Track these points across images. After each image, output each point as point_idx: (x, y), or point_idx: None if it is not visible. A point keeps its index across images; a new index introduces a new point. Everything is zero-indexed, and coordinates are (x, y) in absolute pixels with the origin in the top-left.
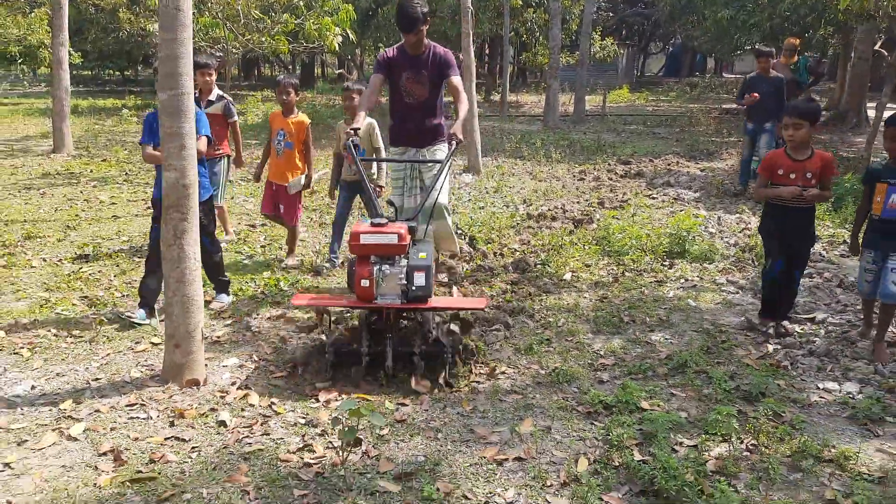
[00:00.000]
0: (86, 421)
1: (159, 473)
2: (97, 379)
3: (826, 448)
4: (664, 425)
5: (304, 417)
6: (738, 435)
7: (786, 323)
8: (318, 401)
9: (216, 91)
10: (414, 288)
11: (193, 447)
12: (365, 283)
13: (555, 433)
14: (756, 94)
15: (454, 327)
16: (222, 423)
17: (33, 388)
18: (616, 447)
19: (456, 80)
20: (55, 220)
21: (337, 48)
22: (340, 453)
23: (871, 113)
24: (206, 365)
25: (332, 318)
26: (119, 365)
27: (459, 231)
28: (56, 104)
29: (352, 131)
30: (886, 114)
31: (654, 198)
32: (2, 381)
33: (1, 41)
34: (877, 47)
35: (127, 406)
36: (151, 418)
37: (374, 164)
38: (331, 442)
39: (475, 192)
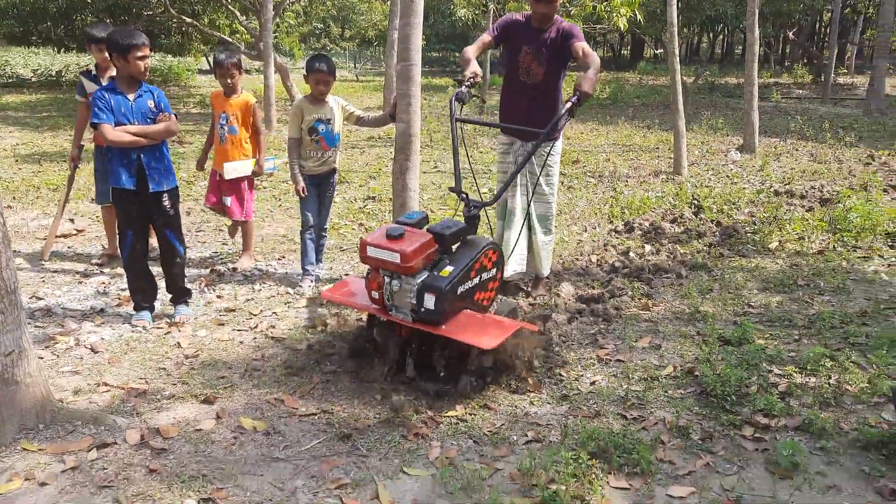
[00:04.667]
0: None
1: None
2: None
3: None
4: (760, 355)
5: None
6: (825, 371)
7: None
8: None
9: None
10: (423, 309)
11: None
12: (375, 294)
13: (663, 350)
14: None
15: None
16: None
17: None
18: (703, 362)
19: (580, 44)
20: (363, 172)
21: (623, 27)
22: None
23: None
24: None
25: None
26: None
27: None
28: (387, 80)
29: (459, 83)
30: None
31: None
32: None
33: (360, 26)
34: None
35: None
36: None
37: (336, 150)
38: None
39: (737, 169)
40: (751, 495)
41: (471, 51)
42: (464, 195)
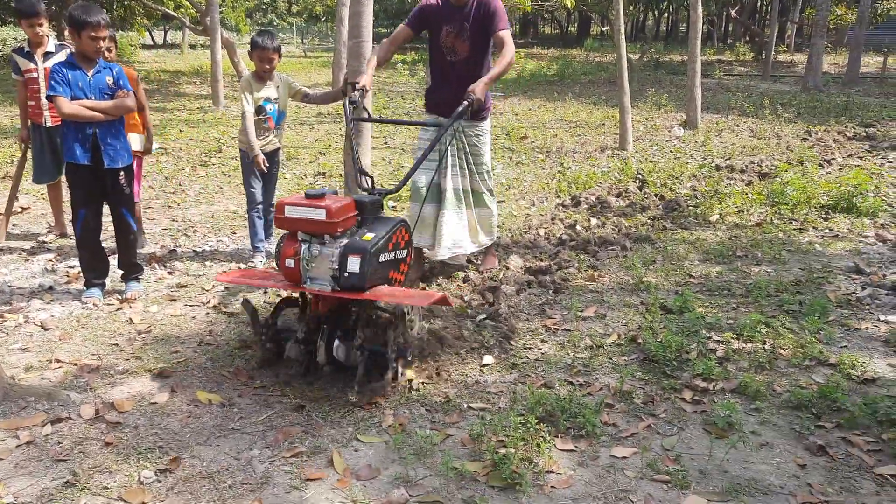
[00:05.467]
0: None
1: None
2: None
3: (833, 356)
4: (700, 323)
5: None
6: (761, 337)
7: None
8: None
9: (52, 42)
10: (346, 274)
11: None
12: (289, 262)
13: (608, 320)
14: None
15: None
16: None
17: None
18: (646, 330)
19: (503, 33)
20: (313, 148)
21: (571, 4)
22: None
23: None
24: None
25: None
26: None
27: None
28: (336, 56)
29: (353, 87)
30: None
31: (863, 159)
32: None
33: (308, 1)
34: None
35: None
36: None
37: (282, 128)
38: None
39: (680, 145)
40: (689, 454)
41: (381, 50)
42: (368, 178)
